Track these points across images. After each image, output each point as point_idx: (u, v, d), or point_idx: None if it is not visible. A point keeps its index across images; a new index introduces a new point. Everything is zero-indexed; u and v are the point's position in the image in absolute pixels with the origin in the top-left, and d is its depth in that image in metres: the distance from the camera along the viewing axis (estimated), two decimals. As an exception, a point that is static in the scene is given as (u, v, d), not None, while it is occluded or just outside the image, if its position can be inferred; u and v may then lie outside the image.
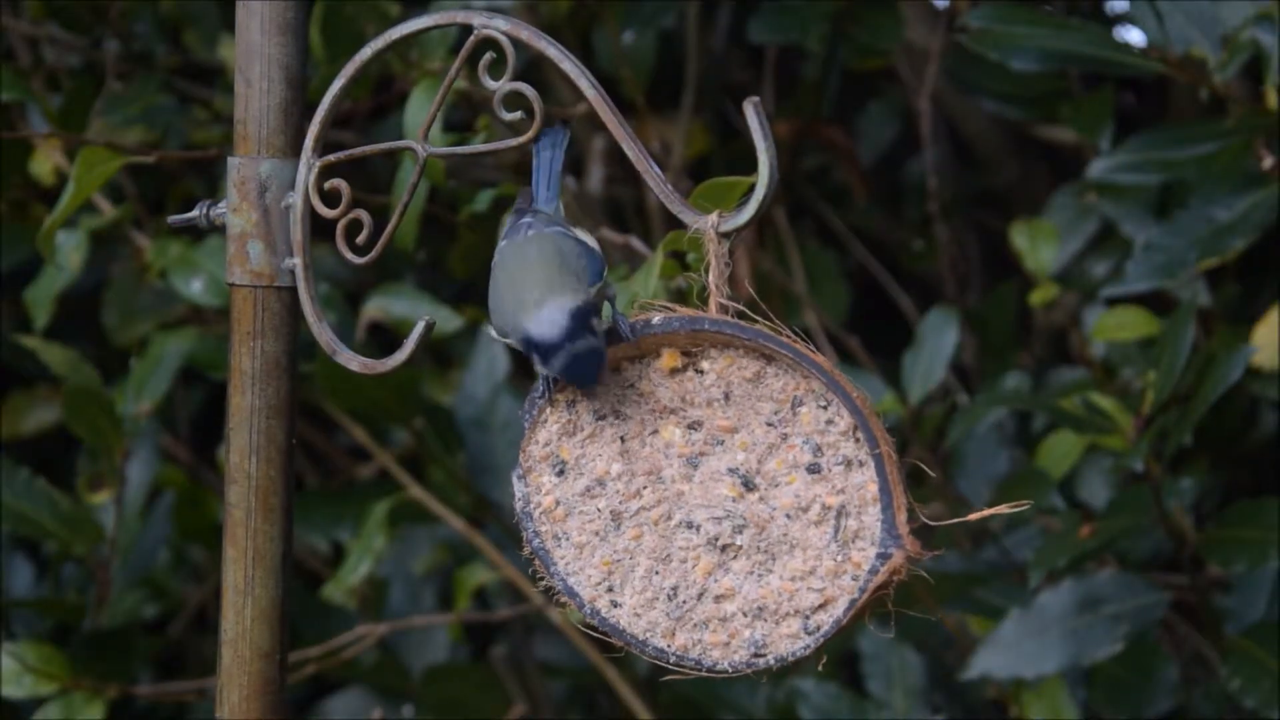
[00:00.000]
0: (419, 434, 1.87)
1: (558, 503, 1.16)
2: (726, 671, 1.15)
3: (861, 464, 1.14)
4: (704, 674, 1.15)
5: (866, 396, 1.14)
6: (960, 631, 1.82)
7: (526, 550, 1.17)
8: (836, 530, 1.14)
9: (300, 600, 1.93)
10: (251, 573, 1.20)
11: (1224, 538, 1.68)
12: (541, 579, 1.17)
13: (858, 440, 1.14)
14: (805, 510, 1.14)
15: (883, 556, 1.12)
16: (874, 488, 1.13)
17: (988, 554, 1.82)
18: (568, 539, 1.16)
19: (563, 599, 1.16)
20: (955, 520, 1.17)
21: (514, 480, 1.17)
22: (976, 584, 1.76)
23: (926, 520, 1.13)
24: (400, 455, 1.93)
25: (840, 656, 1.85)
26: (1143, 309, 1.82)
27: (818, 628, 1.14)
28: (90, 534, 1.82)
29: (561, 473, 1.16)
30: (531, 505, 1.17)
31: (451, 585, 1.90)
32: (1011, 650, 1.69)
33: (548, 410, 1.17)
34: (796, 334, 1.14)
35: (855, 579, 1.13)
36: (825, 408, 1.14)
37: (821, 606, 1.14)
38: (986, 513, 1.16)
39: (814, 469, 1.14)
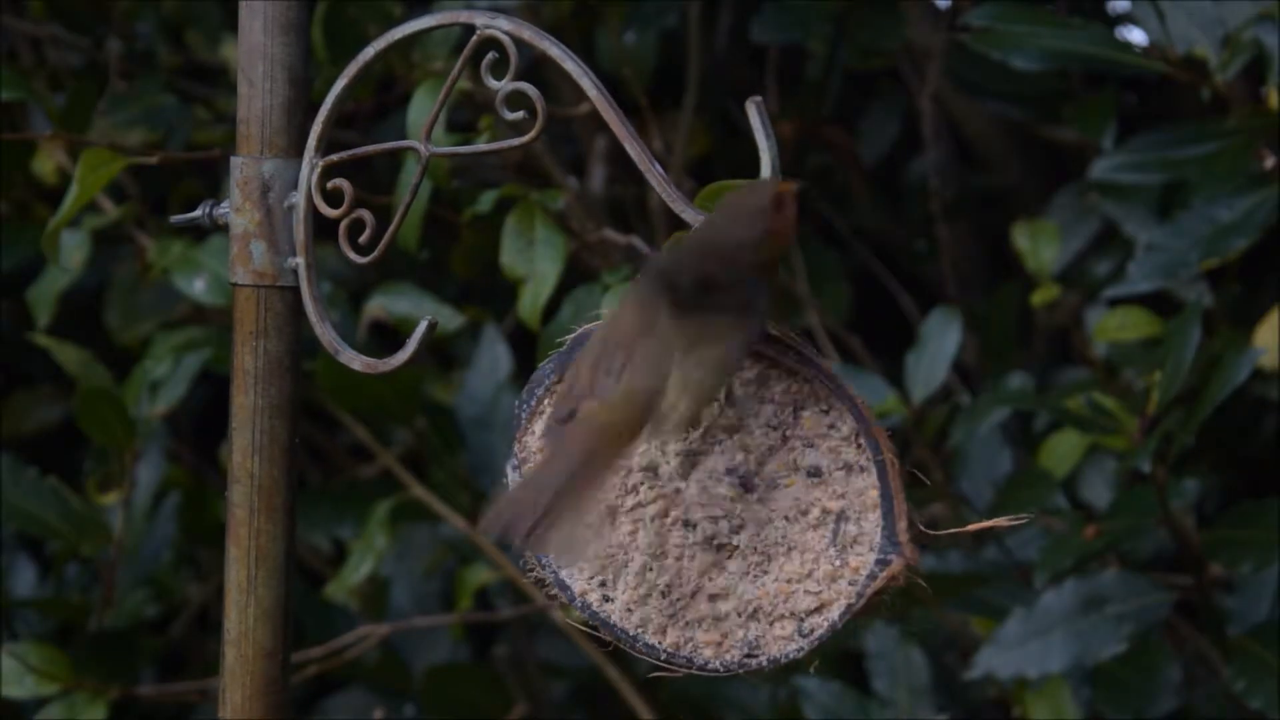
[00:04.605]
0: (421, 433, 1.87)
1: None
2: (718, 671, 1.14)
3: (863, 469, 1.13)
4: (694, 672, 1.14)
5: (867, 403, 1.14)
6: (963, 631, 1.82)
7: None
8: (835, 534, 1.13)
9: (302, 600, 1.93)
10: (254, 572, 1.20)
11: (1228, 538, 1.68)
12: (532, 570, 1.15)
13: (859, 446, 1.14)
14: (805, 513, 1.14)
15: (882, 563, 1.12)
16: (875, 494, 1.13)
17: (990, 554, 1.81)
18: None
19: (553, 591, 1.15)
20: (955, 530, 1.17)
21: (509, 471, 1.15)
22: (979, 584, 1.76)
23: (924, 530, 1.13)
24: (402, 455, 1.93)
25: (845, 655, 1.85)
26: (1145, 309, 1.82)
27: (812, 631, 1.13)
28: (99, 535, 1.82)
29: None
30: None
31: (453, 585, 1.90)
32: (1015, 650, 1.68)
33: (546, 402, 1.16)
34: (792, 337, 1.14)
35: (853, 584, 1.13)
36: (826, 412, 1.14)
37: (817, 610, 1.13)
38: (985, 525, 1.16)
39: (814, 473, 1.14)
